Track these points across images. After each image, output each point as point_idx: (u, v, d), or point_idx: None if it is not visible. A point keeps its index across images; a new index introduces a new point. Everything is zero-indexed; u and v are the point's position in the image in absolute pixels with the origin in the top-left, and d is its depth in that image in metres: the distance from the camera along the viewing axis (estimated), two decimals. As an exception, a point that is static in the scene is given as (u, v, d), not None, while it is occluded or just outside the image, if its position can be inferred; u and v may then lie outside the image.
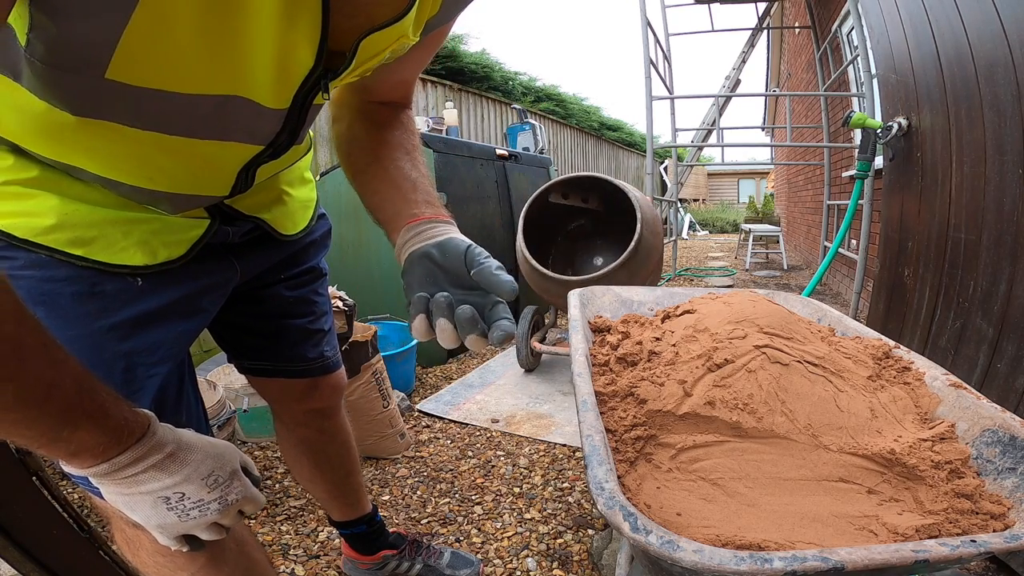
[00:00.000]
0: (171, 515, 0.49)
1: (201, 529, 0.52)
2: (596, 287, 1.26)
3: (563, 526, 1.36)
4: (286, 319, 0.83)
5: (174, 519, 0.50)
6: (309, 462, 0.99)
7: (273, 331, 0.82)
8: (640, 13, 4.37)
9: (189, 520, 0.50)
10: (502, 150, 3.08)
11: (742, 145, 7.46)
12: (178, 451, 0.49)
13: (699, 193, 17.33)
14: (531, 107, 7.70)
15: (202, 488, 0.50)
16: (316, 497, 1.07)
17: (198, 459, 0.50)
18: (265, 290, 0.80)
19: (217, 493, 0.51)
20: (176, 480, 0.48)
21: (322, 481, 1.02)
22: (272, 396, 0.92)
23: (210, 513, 0.51)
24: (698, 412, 0.73)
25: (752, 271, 5.82)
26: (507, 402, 2.16)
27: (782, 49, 7.45)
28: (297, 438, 0.97)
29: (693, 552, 0.45)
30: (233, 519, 0.54)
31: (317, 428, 0.96)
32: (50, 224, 0.52)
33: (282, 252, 0.79)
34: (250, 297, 0.79)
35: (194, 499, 0.50)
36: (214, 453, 0.52)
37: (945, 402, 0.75)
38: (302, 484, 1.07)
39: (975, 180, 1.39)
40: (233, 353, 0.86)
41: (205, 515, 0.51)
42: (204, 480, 0.50)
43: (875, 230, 3.08)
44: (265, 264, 0.77)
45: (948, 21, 1.48)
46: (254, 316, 0.81)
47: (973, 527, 0.58)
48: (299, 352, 0.85)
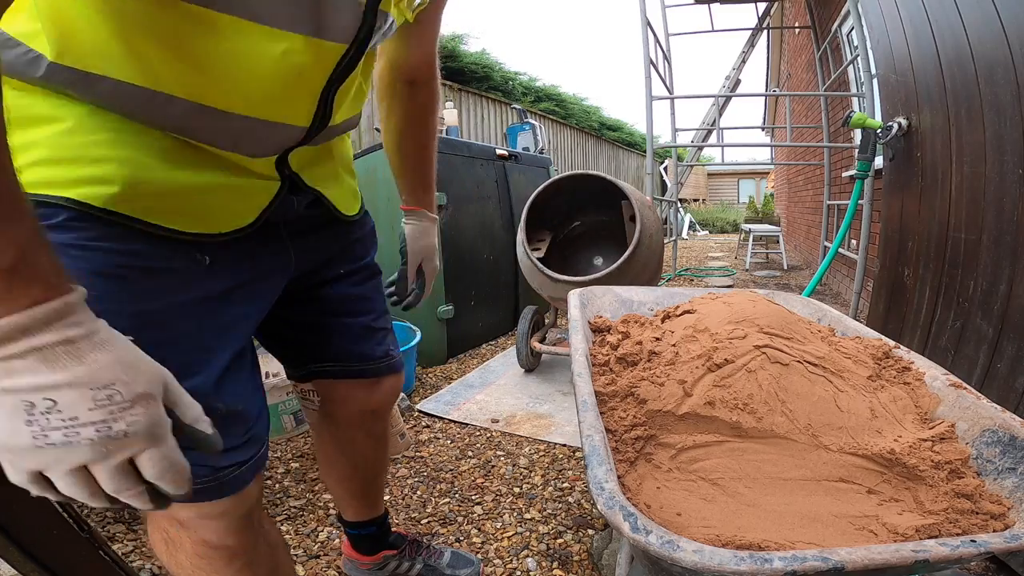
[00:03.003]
0: (25, 432, 0.34)
1: (59, 471, 0.36)
2: (596, 287, 1.26)
3: (563, 526, 1.36)
4: (348, 317, 0.84)
5: (26, 440, 0.34)
6: (348, 463, 0.98)
7: (337, 329, 0.83)
8: (640, 13, 4.37)
9: (45, 448, 0.34)
10: (502, 150, 3.08)
11: (742, 145, 7.46)
12: (82, 342, 0.35)
13: (699, 193, 17.33)
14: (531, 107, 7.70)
15: (84, 401, 0.35)
16: (338, 496, 1.05)
17: (102, 363, 0.36)
18: (325, 288, 0.80)
19: (100, 415, 0.35)
20: (56, 380, 0.34)
21: (353, 482, 1.01)
22: (336, 398, 0.91)
23: (77, 445, 0.35)
24: (698, 412, 0.73)
25: (752, 271, 5.81)
26: (507, 402, 2.16)
27: (782, 49, 7.45)
28: (345, 439, 0.96)
29: (693, 552, 0.45)
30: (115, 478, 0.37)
31: (367, 431, 0.95)
32: (124, 192, 0.51)
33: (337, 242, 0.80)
34: (311, 296, 0.80)
35: (66, 415, 0.34)
36: (130, 362, 0.38)
37: (945, 402, 0.75)
38: (328, 483, 1.05)
39: (975, 180, 1.39)
40: (295, 360, 0.86)
41: (69, 445, 0.35)
42: (93, 392, 0.35)
43: (875, 230, 3.08)
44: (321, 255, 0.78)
45: (948, 21, 1.48)
46: (317, 314, 0.81)
47: (973, 527, 0.58)
48: (364, 351, 0.86)
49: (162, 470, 0.39)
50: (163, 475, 0.39)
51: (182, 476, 0.40)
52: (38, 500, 0.75)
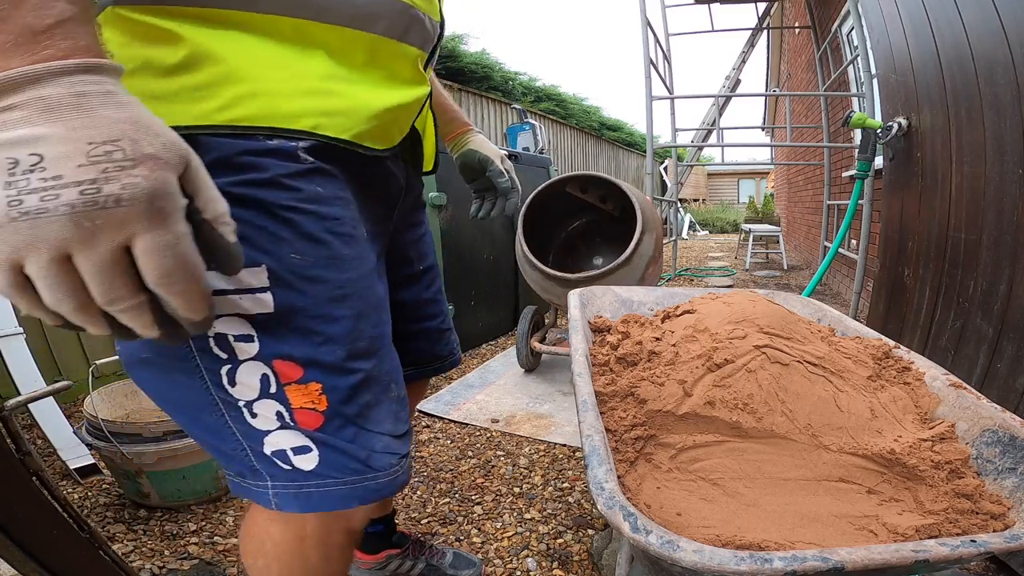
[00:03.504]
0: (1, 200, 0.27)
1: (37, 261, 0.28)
2: (596, 287, 1.26)
3: (563, 526, 1.36)
4: (426, 321, 0.84)
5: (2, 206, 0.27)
6: None
7: (416, 335, 0.83)
8: (640, 13, 4.37)
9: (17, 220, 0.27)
10: (502, 150, 3.08)
11: (742, 145, 7.45)
12: (94, 96, 0.29)
13: (699, 193, 17.32)
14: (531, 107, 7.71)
15: (74, 156, 0.28)
16: None
17: (112, 118, 0.29)
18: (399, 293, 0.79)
19: (90, 172, 0.28)
20: (48, 131, 0.28)
21: None
22: None
23: (54, 213, 0.27)
24: (698, 412, 0.73)
25: (752, 271, 5.81)
26: (507, 402, 2.16)
27: (782, 49, 7.45)
28: None
29: (693, 552, 0.45)
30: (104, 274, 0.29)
31: None
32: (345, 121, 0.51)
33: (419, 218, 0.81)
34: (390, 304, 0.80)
35: (49, 172, 0.27)
36: (147, 124, 0.30)
37: (945, 402, 0.75)
38: None
39: (975, 180, 1.39)
40: None
41: (44, 214, 0.27)
42: (90, 147, 0.28)
43: (875, 230, 3.08)
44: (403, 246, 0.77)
45: (948, 21, 1.48)
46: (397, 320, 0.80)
47: (973, 527, 0.58)
48: (438, 351, 0.87)
49: (167, 266, 0.30)
50: (169, 275, 0.30)
51: (196, 280, 0.32)
52: (38, 500, 0.75)
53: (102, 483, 1.50)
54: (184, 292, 0.31)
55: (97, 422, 1.27)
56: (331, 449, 0.50)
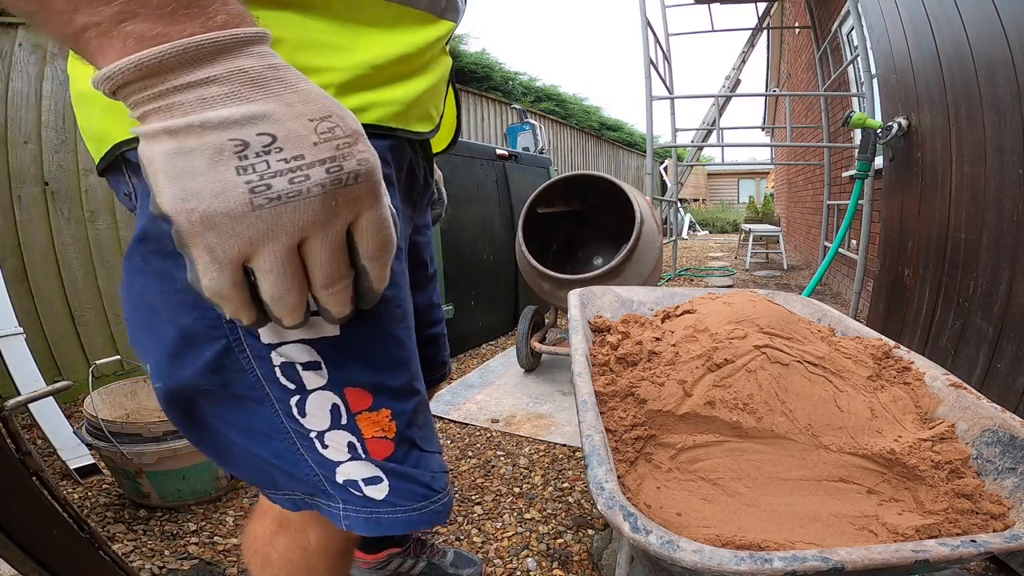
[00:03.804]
0: (238, 187, 0.26)
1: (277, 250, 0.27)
2: (596, 287, 1.26)
3: (563, 526, 1.36)
4: (426, 329, 0.81)
5: (241, 198, 0.26)
6: None
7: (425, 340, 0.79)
8: (640, 13, 4.37)
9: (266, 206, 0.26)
10: (502, 150, 3.08)
11: (742, 145, 7.46)
12: (285, 70, 0.28)
13: (699, 193, 17.33)
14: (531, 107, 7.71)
15: (307, 131, 0.27)
16: None
17: (315, 90, 0.28)
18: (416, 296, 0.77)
19: (329, 149, 0.27)
20: (271, 108, 0.26)
21: None
22: None
23: (307, 197, 0.27)
24: (698, 412, 0.73)
25: (752, 271, 5.81)
26: (507, 402, 2.16)
27: (782, 49, 7.45)
28: None
29: (693, 552, 0.45)
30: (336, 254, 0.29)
31: None
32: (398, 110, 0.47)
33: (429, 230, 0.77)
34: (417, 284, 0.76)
35: (289, 152, 0.26)
36: (333, 100, 0.30)
37: (945, 402, 0.75)
38: None
39: (975, 180, 1.39)
40: None
41: (298, 196, 0.26)
42: (315, 123, 0.27)
43: (875, 230, 3.08)
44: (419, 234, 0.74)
45: (948, 21, 1.48)
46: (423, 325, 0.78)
47: (973, 527, 0.58)
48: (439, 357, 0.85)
49: (385, 238, 0.31)
50: (385, 246, 0.31)
51: (392, 254, 0.32)
52: (38, 500, 0.75)
53: (102, 483, 1.50)
54: (387, 263, 0.32)
55: (97, 422, 1.27)
56: (400, 478, 0.49)
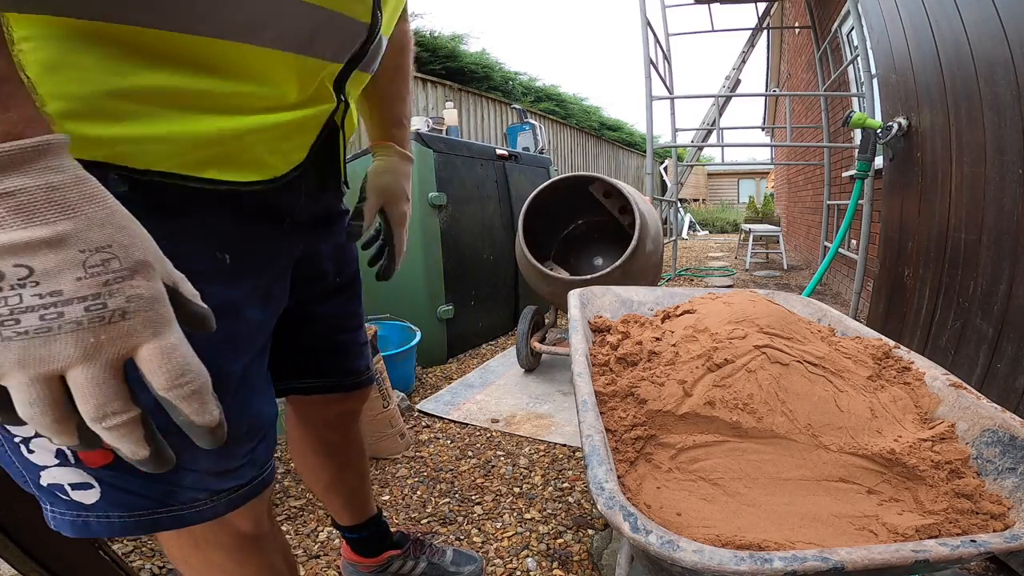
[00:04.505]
0: None
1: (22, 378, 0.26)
2: (596, 287, 1.27)
3: (563, 526, 1.36)
4: (339, 335, 0.82)
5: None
6: (334, 466, 0.97)
7: (328, 348, 0.81)
8: (640, 13, 4.37)
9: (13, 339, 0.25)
10: (502, 150, 3.08)
11: (742, 145, 7.45)
12: (69, 189, 0.26)
13: (699, 193, 17.32)
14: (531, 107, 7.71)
15: (71, 268, 0.26)
16: (330, 504, 1.04)
17: (96, 218, 0.27)
18: (317, 306, 0.78)
19: (92, 286, 0.26)
20: (34, 236, 0.25)
21: (342, 487, 1.00)
22: (303, 407, 0.89)
23: (58, 334, 0.25)
24: (698, 412, 0.73)
25: (752, 271, 5.81)
26: (507, 402, 2.16)
27: (782, 49, 7.45)
28: (321, 441, 0.95)
29: (693, 552, 0.45)
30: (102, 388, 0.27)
31: (344, 431, 0.95)
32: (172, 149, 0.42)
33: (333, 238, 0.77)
34: (303, 317, 0.77)
35: (45, 287, 0.25)
36: (125, 223, 0.29)
37: (945, 402, 0.75)
38: (317, 492, 1.01)
39: (975, 180, 1.39)
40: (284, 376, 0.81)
41: (47, 335, 0.25)
42: (85, 255, 0.26)
43: (875, 230, 3.08)
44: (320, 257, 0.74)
45: (948, 21, 1.48)
46: (311, 335, 0.79)
47: (973, 527, 0.58)
48: (352, 366, 0.85)
49: (178, 369, 0.29)
50: (180, 376, 0.29)
51: (206, 386, 0.31)
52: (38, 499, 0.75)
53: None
54: (196, 393, 0.30)
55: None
56: (115, 488, 0.45)
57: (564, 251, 2.71)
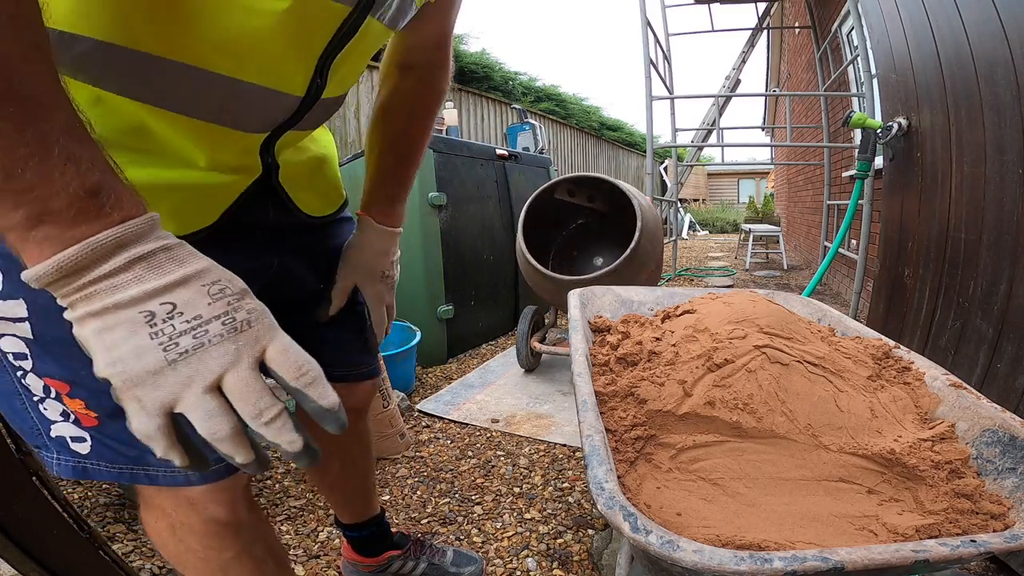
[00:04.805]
0: (152, 349, 0.32)
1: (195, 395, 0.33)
2: (596, 287, 1.26)
3: (563, 526, 1.36)
4: (339, 328, 0.83)
5: (156, 357, 0.32)
6: (338, 463, 0.97)
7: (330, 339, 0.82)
8: (640, 13, 4.37)
9: (179, 360, 0.33)
10: (502, 150, 3.08)
11: (742, 145, 7.45)
12: (177, 248, 0.35)
13: (699, 193, 17.33)
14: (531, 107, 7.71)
15: (201, 296, 0.34)
16: (333, 501, 1.05)
17: (203, 263, 0.36)
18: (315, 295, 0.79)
19: (222, 306, 0.35)
20: (167, 281, 0.33)
21: (346, 484, 1.00)
22: None
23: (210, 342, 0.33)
24: (698, 412, 0.73)
25: (752, 271, 5.81)
26: (507, 402, 2.16)
27: (782, 49, 7.45)
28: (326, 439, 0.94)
29: (693, 552, 0.45)
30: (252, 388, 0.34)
31: (350, 430, 0.95)
32: None
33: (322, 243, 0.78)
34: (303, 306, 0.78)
35: (189, 314, 0.33)
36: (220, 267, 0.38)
37: (945, 402, 0.75)
38: (321, 489, 1.01)
39: (975, 180, 1.39)
40: None
41: (203, 346, 0.33)
42: (206, 286, 0.35)
43: (875, 230, 3.08)
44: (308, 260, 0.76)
45: (948, 21, 1.48)
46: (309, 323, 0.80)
47: (973, 527, 0.58)
48: (354, 359, 0.86)
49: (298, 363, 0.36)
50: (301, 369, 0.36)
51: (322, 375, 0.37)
52: (38, 500, 0.75)
53: (102, 483, 1.50)
54: (316, 380, 0.37)
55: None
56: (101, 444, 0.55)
57: (564, 251, 2.71)
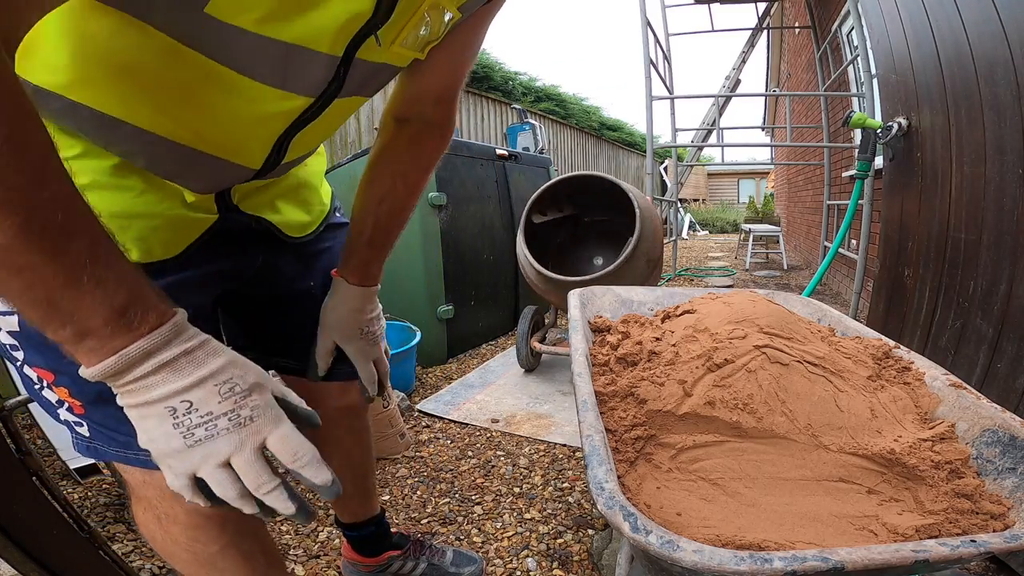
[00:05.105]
0: (175, 436, 0.41)
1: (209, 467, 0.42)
2: (596, 287, 1.26)
3: (563, 526, 1.36)
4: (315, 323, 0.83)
5: (178, 442, 0.41)
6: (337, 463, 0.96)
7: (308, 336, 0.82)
8: (640, 13, 4.37)
9: (195, 445, 0.41)
10: (502, 150, 3.08)
11: (742, 145, 7.45)
12: (197, 350, 0.41)
13: (699, 193, 17.33)
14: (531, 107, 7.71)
15: (212, 396, 0.41)
16: (333, 501, 1.05)
17: (219, 363, 0.42)
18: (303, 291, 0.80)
19: (229, 404, 0.42)
20: (186, 383, 0.40)
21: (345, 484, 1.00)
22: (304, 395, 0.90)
23: (218, 434, 0.41)
24: (698, 412, 0.73)
25: (752, 271, 5.81)
26: (507, 402, 2.16)
27: (782, 49, 7.45)
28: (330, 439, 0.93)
29: (693, 552, 0.45)
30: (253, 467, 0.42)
31: (347, 427, 0.95)
32: None
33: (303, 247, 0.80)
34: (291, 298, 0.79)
35: (202, 411, 0.41)
36: (239, 362, 0.44)
37: (945, 402, 0.75)
38: None
39: (975, 180, 1.39)
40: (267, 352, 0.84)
41: (212, 436, 0.41)
42: (217, 386, 0.41)
43: (875, 230, 3.08)
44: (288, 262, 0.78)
45: (948, 21, 1.48)
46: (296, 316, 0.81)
47: (973, 527, 0.58)
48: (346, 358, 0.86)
49: (292, 450, 0.43)
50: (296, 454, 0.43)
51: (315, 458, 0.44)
52: (38, 500, 0.75)
53: (102, 483, 1.50)
54: (311, 462, 0.44)
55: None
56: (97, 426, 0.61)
57: (564, 251, 2.71)
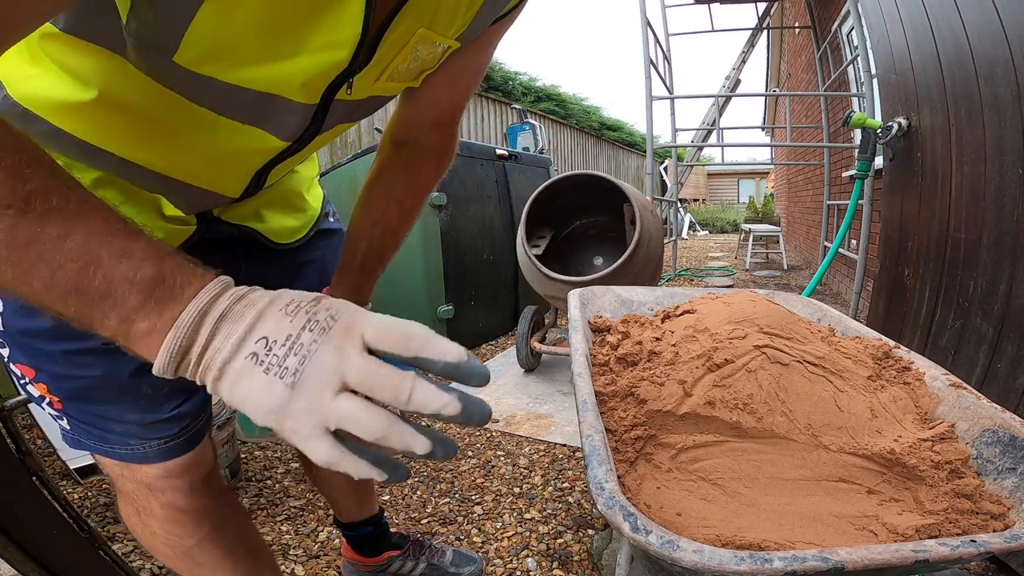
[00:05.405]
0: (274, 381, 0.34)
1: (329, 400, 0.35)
2: (596, 287, 1.26)
3: (563, 526, 1.36)
4: None
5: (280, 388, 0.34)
6: None
7: None
8: (640, 13, 4.37)
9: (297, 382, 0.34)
10: (502, 150, 3.08)
11: (742, 145, 7.46)
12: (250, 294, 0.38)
13: (699, 193, 17.33)
14: (531, 107, 7.71)
15: (281, 319, 0.36)
16: (332, 499, 1.05)
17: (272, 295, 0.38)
18: None
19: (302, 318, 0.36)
20: (249, 321, 0.36)
21: (342, 482, 1.00)
22: None
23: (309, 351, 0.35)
24: (698, 412, 0.73)
25: (752, 271, 5.81)
26: (507, 402, 2.16)
27: (782, 49, 7.45)
28: None
29: (693, 552, 0.45)
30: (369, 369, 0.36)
31: None
32: None
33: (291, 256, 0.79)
34: None
35: (281, 338, 0.35)
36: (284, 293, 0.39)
37: (945, 402, 0.75)
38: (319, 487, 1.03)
39: (975, 180, 1.39)
40: None
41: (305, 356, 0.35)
42: (281, 310, 0.37)
43: (875, 230, 3.08)
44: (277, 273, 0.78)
45: (948, 21, 1.48)
46: None
47: (973, 527, 0.58)
48: None
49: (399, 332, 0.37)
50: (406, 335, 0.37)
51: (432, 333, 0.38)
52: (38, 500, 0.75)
53: (102, 483, 1.50)
54: (429, 339, 0.37)
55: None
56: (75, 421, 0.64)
57: (564, 251, 2.71)
